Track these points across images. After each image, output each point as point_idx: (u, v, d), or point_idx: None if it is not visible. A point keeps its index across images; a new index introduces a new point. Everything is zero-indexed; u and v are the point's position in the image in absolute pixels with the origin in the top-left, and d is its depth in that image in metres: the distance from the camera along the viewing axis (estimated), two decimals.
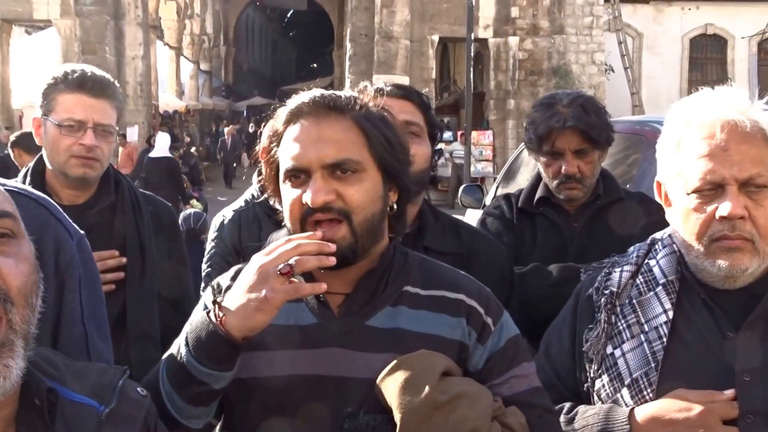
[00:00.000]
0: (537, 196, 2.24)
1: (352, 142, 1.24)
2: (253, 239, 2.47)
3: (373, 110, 1.29)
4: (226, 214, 3.00)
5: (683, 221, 1.32)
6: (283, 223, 1.30)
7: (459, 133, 16.16)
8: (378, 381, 1.17)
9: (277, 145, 1.28)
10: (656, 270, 1.40)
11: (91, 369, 1.09)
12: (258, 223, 2.68)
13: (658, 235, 1.48)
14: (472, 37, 11.41)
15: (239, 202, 3.04)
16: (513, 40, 17.63)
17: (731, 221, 1.24)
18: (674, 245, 1.40)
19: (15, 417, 0.95)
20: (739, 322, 1.30)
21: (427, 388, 1.14)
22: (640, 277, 1.42)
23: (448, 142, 16.74)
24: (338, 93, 1.30)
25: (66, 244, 1.37)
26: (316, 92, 1.28)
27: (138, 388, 1.08)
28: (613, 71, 19.21)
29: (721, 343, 1.30)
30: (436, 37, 17.56)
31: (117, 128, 2.08)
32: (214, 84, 30.49)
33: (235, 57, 34.19)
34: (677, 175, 1.31)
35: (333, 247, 1.14)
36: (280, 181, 1.28)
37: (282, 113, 1.29)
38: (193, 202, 11.21)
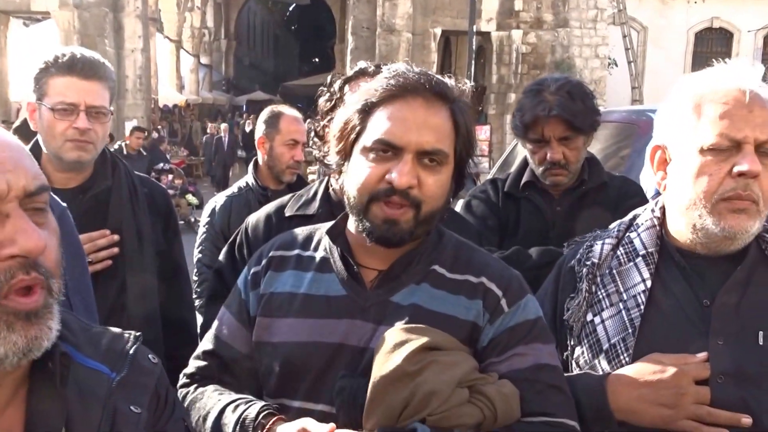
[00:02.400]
0: (523, 180, 2.30)
1: (447, 133, 1.28)
2: None
3: (467, 104, 1.34)
4: (218, 199, 3.07)
5: (693, 179, 1.33)
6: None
7: None
8: (375, 349, 1.25)
9: (366, 117, 1.29)
10: (637, 242, 1.46)
11: (106, 334, 1.10)
12: (249, 209, 2.71)
13: (639, 210, 1.54)
14: (474, 30, 11.25)
15: (233, 189, 3.12)
16: (516, 34, 17.54)
17: (746, 179, 1.27)
18: (655, 219, 1.46)
19: (28, 376, 0.97)
20: (716, 289, 1.35)
21: (399, 358, 1.21)
22: (620, 249, 1.48)
23: None
24: (445, 79, 1.32)
25: None
26: (428, 73, 1.30)
27: (150, 356, 1.11)
28: (616, 65, 19.09)
29: (697, 310, 1.35)
30: (438, 30, 17.50)
31: (111, 108, 2.06)
32: (214, 78, 30.40)
33: (236, 51, 34.05)
34: (690, 134, 1.33)
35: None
36: (356, 148, 1.30)
37: (383, 83, 1.29)
38: (189, 197, 11.10)
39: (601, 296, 1.45)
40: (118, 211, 2.07)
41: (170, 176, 11.68)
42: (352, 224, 1.37)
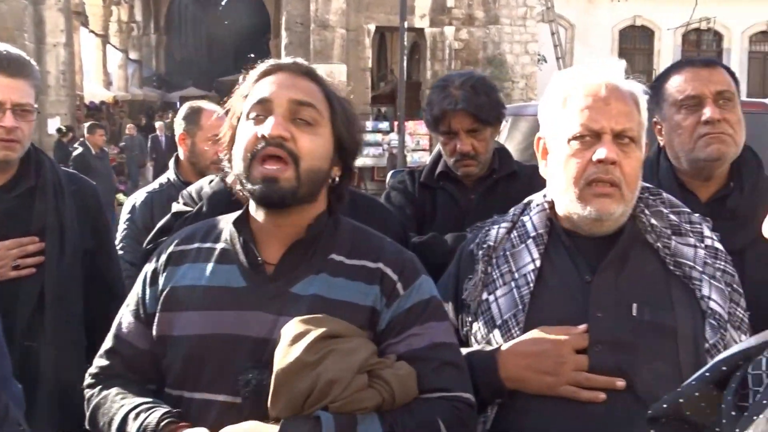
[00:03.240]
0: (437, 171, 2.38)
1: (319, 99, 1.37)
2: None
3: (341, 94, 1.44)
4: (138, 196, 3.03)
5: (563, 166, 1.46)
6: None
7: (395, 123, 16.19)
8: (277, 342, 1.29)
9: (245, 97, 1.38)
10: (528, 225, 1.56)
11: None
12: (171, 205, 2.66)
13: (533, 196, 1.63)
14: (405, 26, 11.37)
15: (153, 185, 3.09)
16: (449, 30, 17.78)
17: (605, 165, 1.40)
18: (546, 203, 1.55)
19: None
20: (596, 266, 1.46)
21: (299, 350, 1.24)
22: (514, 232, 1.58)
23: (386, 132, 16.77)
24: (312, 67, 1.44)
25: None
26: (296, 58, 1.43)
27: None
28: (545, 61, 19.59)
29: (579, 286, 1.45)
30: (372, 26, 17.55)
31: (36, 106, 2.04)
32: (144, 74, 29.57)
33: (166, 46, 33.18)
34: (560, 125, 1.46)
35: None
36: (240, 124, 1.37)
37: (258, 70, 1.40)
38: (119, 196, 10.79)
39: (495, 276, 1.54)
40: (42, 211, 2.04)
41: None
42: (252, 208, 1.41)
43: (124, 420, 1.33)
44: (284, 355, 1.27)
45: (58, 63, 15.68)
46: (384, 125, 17.17)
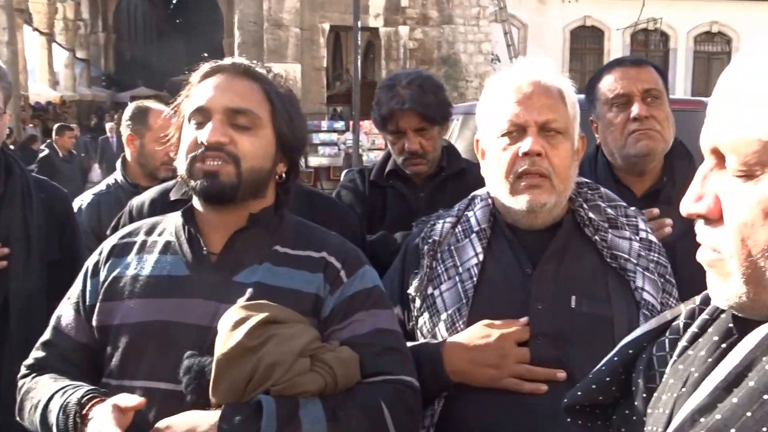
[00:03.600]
0: (387, 169, 2.40)
1: (257, 101, 1.40)
2: None
3: (283, 89, 1.45)
4: (85, 198, 3.00)
5: (495, 162, 1.50)
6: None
7: (351, 122, 16.21)
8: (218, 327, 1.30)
9: (188, 97, 1.42)
10: (472, 220, 1.59)
11: None
12: (120, 207, 2.62)
13: (478, 191, 1.65)
14: (359, 26, 11.39)
15: (100, 186, 3.04)
16: (403, 30, 17.86)
17: (531, 157, 1.44)
18: (489, 198, 1.58)
19: None
20: (537, 259, 1.49)
21: (240, 335, 1.25)
22: (458, 226, 1.60)
23: (341, 132, 16.77)
24: (258, 67, 1.45)
25: None
26: (239, 60, 1.45)
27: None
28: (499, 61, 19.83)
29: (521, 279, 1.49)
30: (327, 26, 17.52)
31: (4, 109, 2.02)
32: (93, 73, 28.82)
33: (115, 45, 32.41)
34: (491, 124, 1.50)
35: None
36: (183, 129, 1.42)
37: (200, 70, 1.43)
38: None
39: (440, 271, 1.56)
40: (9, 219, 2.01)
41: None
42: (197, 203, 1.43)
43: (50, 399, 1.33)
44: (225, 341, 1.27)
45: (0, 62, 15.26)
46: (339, 125, 17.17)
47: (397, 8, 17.86)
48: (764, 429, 0.70)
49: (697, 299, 0.99)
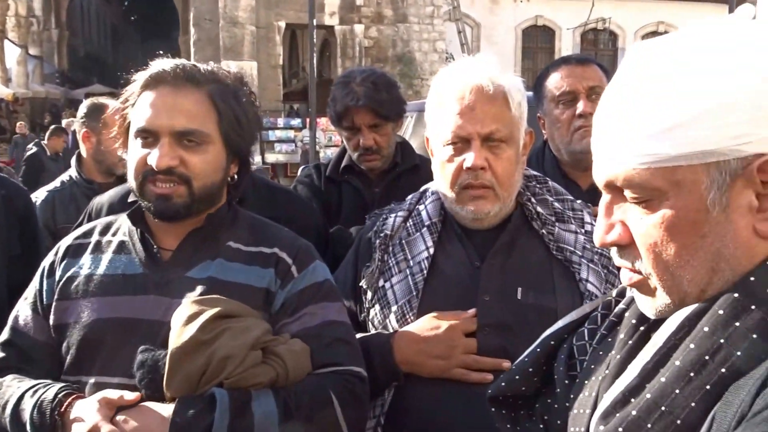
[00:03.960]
0: (342, 165, 2.43)
1: (203, 115, 1.37)
2: (70, 220, 2.46)
3: (228, 87, 1.42)
4: (39, 194, 2.88)
5: (441, 170, 1.53)
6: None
7: (308, 119, 16.32)
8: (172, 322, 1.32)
9: (132, 105, 1.40)
10: (423, 214, 1.61)
11: None
12: (75, 203, 2.69)
13: (429, 184, 1.67)
14: (315, 24, 11.46)
15: (55, 183, 2.98)
16: (359, 28, 18.02)
17: (475, 171, 1.46)
18: (440, 193, 1.60)
19: None
20: (486, 253, 1.53)
21: (193, 329, 1.27)
22: (410, 220, 1.63)
23: (298, 129, 16.77)
24: (198, 65, 1.42)
25: None
26: (178, 62, 1.40)
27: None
28: (453, 59, 19.96)
29: (470, 272, 1.51)
30: (282, 24, 17.60)
31: None
32: (46, 70, 28.20)
33: (69, 41, 31.84)
34: (437, 129, 1.52)
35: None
36: (130, 136, 1.40)
37: (141, 77, 1.40)
38: None
39: (391, 264, 1.58)
40: None
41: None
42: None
43: (20, 399, 1.32)
44: (179, 335, 1.28)
45: None
46: (296, 122, 17.21)
47: (353, 7, 17.97)
48: (692, 404, 0.73)
49: (614, 292, 1.02)
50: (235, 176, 1.47)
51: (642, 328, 0.89)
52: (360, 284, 1.61)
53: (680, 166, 0.75)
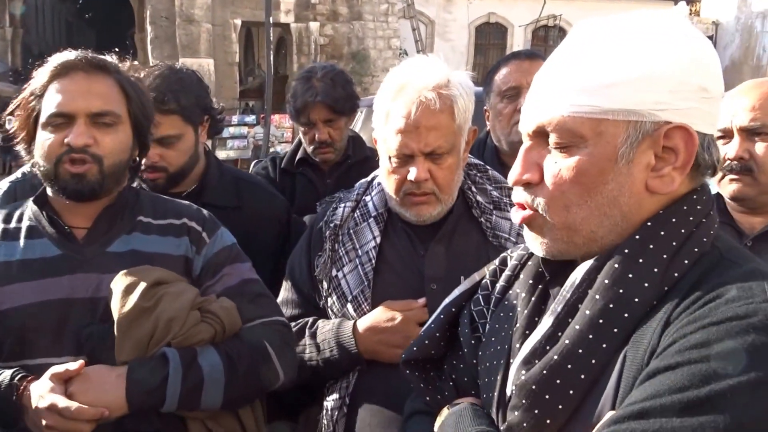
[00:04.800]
0: (297, 157, 2.59)
1: (115, 98, 1.45)
2: None
3: (130, 77, 1.51)
4: (2, 185, 2.99)
5: (386, 177, 1.59)
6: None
7: (261, 116, 16.43)
8: (109, 295, 1.38)
9: (40, 96, 1.43)
10: (370, 204, 1.67)
11: None
12: (34, 192, 2.86)
13: (376, 172, 1.70)
14: (271, 21, 11.56)
15: (17, 174, 3.03)
16: (314, 26, 18.07)
17: (417, 182, 1.53)
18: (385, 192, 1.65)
19: None
20: (429, 242, 1.59)
21: (135, 298, 1.34)
22: (357, 211, 1.68)
23: (252, 125, 16.64)
24: (103, 56, 1.49)
25: None
26: (85, 52, 1.46)
27: None
28: (407, 55, 20.38)
29: (415, 260, 1.58)
30: (238, 21, 17.56)
31: None
32: (0, 69, 27.75)
33: (23, 39, 31.33)
34: (384, 141, 1.56)
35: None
36: (38, 128, 1.43)
37: (47, 68, 1.44)
38: None
39: (342, 253, 1.63)
40: None
41: None
42: (50, 191, 1.49)
43: None
44: (122, 305, 1.33)
45: None
46: (251, 119, 17.17)
47: (308, 4, 18.01)
48: (604, 345, 0.83)
49: (497, 261, 1.16)
50: (136, 158, 1.54)
51: (540, 286, 1.00)
52: (315, 274, 1.68)
53: (606, 119, 0.86)
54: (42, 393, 1.28)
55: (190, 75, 2.06)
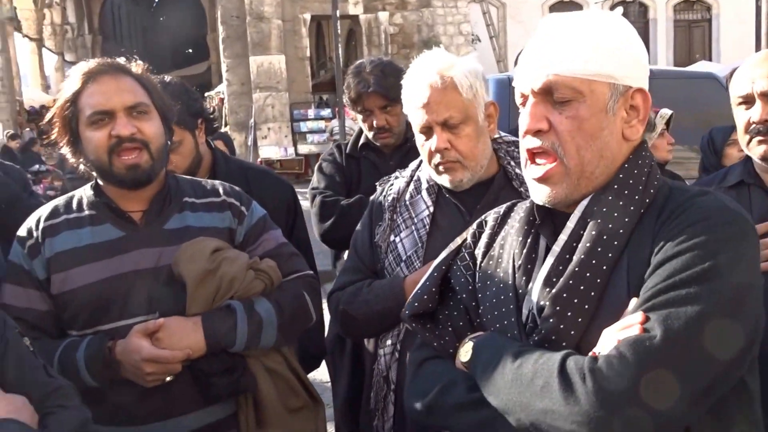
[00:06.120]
0: (360, 143, 2.80)
1: (140, 91, 1.68)
2: None
3: (146, 75, 1.74)
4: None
5: (421, 152, 1.85)
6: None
7: (336, 109, 16.39)
8: (173, 263, 1.64)
9: (74, 102, 1.63)
10: (423, 178, 1.91)
11: None
12: None
13: None
14: (339, 14, 11.53)
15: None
16: (383, 15, 17.96)
17: (440, 152, 1.77)
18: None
19: None
20: (474, 209, 1.80)
21: (201, 261, 1.62)
22: (412, 184, 1.93)
23: (328, 119, 16.86)
24: (120, 60, 1.72)
25: None
26: (105, 59, 1.69)
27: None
28: (479, 41, 20.02)
29: (463, 224, 1.70)
30: (308, 16, 17.62)
31: None
32: None
33: (102, 46, 32.60)
34: (413, 115, 1.82)
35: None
36: (80, 130, 1.64)
37: (77, 76, 1.64)
38: None
39: (399, 222, 1.89)
40: None
41: (49, 178, 11.37)
42: (103, 183, 1.71)
43: (65, 351, 1.56)
44: (190, 270, 1.60)
45: None
46: (326, 112, 17.35)
47: None
48: (609, 254, 1.11)
49: (474, 225, 1.41)
50: (169, 142, 1.76)
51: (533, 230, 1.28)
52: (375, 240, 1.91)
53: (595, 80, 1.16)
54: (135, 348, 1.54)
55: (175, 85, 2.28)
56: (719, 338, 0.99)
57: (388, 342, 1.85)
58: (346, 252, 2.16)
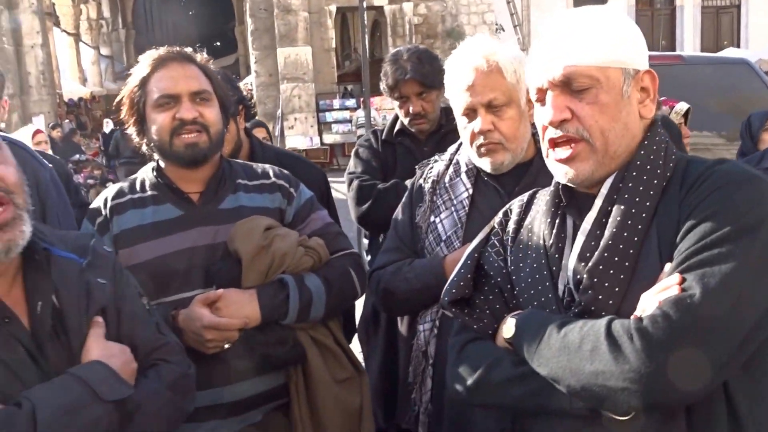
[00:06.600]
0: (396, 129, 2.86)
1: (203, 80, 1.77)
2: None
3: (208, 65, 1.83)
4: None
5: (462, 133, 1.88)
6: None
7: (361, 99, 16.59)
8: (228, 240, 1.72)
9: (143, 86, 1.73)
10: (462, 162, 1.95)
11: (70, 234, 1.47)
12: None
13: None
14: (365, 6, 11.65)
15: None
16: (407, 6, 17.95)
17: (483, 133, 1.80)
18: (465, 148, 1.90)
19: (22, 268, 1.27)
20: (512, 192, 1.80)
21: (255, 239, 1.68)
22: (451, 168, 1.97)
23: (353, 109, 16.92)
24: (186, 49, 1.81)
25: (41, 175, 1.99)
26: (172, 48, 1.79)
27: (105, 246, 1.54)
28: (503, 30, 19.91)
29: (501, 206, 1.65)
30: (333, 8, 17.71)
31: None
32: (116, 68, 29.68)
33: (135, 40, 33.33)
34: (454, 104, 1.87)
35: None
36: (147, 112, 1.73)
37: (146, 62, 1.74)
38: (110, 185, 11.39)
39: (439, 203, 1.92)
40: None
41: (89, 167, 11.91)
42: (164, 163, 1.80)
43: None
44: (246, 245, 1.66)
45: (37, 64, 15.93)
46: (351, 102, 17.46)
47: None
48: (639, 226, 1.16)
49: (500, 214, 1.47)
50: (226, 129, 1.84)
51: (559, 212, 1.34)
52: (416, 221, 1.96)
53: (609, 68, 1.23)
54: (196, 315, 1.62)
55: (218, 74, 2.30)
56: (753, 291, 1.06)
57: (428, 318, 1.89)
58: (381, 237, 2.27)
